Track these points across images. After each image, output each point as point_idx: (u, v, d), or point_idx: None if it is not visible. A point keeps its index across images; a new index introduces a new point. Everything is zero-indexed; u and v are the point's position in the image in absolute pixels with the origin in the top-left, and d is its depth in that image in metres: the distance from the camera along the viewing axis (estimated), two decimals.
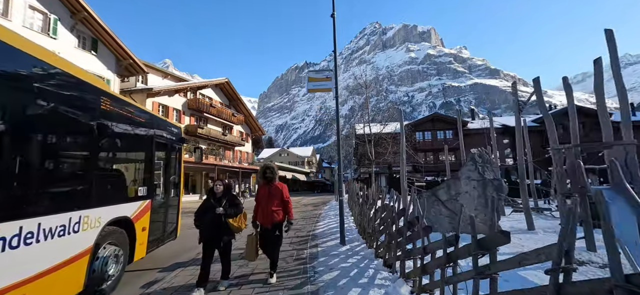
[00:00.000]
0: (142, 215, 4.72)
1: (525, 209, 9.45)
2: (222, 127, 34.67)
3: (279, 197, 4.34)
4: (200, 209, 4.14)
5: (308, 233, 8.26)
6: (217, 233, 4.01)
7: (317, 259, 5.45)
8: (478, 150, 8.97)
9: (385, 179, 34.97)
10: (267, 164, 4.50)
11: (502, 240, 2.29)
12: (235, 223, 4.09)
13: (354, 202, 11.50)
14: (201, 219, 4.07)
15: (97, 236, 3.65)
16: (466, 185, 8.60)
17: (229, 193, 4.24)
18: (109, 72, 20.57)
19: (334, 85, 7.13)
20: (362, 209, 7.87)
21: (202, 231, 4.03)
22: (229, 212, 4.07)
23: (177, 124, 6.41)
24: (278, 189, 4.38)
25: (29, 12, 16.19)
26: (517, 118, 9.81)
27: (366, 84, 20.25)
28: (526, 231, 9.04)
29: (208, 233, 3.99)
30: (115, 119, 4.06)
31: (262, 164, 4.52)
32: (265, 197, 4.33)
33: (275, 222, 4.28)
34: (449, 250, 3.07)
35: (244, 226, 4.22)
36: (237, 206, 4.17)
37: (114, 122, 4.04)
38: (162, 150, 5.66)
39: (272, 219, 4.25)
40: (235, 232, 4.17)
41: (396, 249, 4.53)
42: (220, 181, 4.24)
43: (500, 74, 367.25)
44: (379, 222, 5.91)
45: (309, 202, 22.31)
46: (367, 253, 5.85)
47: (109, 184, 4.07)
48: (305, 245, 6.75)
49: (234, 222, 4.09)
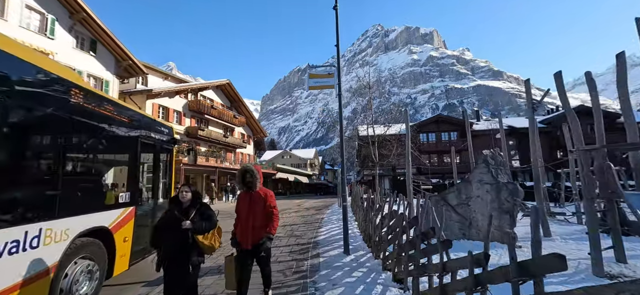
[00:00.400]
0: (123, 224, 4.24)
1: (540, 214, 8.87)
2: (223, 129, 34.29)
3: (261, 209, 3.48)
4: (161, 223, 3.18)
5: (309, 240, 7.75)
6: (183, 254, 3.04)
7: (319, 272, 4.93)
8: (491, 151, 8.43)
9: (388, 181, 34.38)
10: (246, 167, 3.56)
11: (556, 265, 1.76)
12: (207, 241, 3.18)
13: (358, 207, 10.99)
14: (162, 236, 3.09)
15: (64, 251, 3.17)
16: (478, 189, 8.05)
17: (199, 202, 3.31)
18: (108, 73, 20.23)
19: (337, 82, 6.64)
20: (367, 215, 7.35)
21: (163, 253, 3.07)
22: (199, 227, 3.11)
23: (168, 124, 5.95)
24: (260, 197, 3.49)
25: (26, 12, 15.88)
26: (531, 118, 9.25)
27: (369, 84, 19.76)
28: (542, 238, 8.45)
29: (171, 254, 3.03)
30: (89, 117, 3.58)
31: (240, 167, 3.63)
32: (245, 210, 3.47)
33: (255, 243, 3.40)
34: (477, 271, 2.55)
35: (217, 245, 3.32)
36: (209, 219, 3.24)
37: (87, 120, 3.56)
38: (149, 152, 5.18)
39: (253, 237, 3.38)
40: (207, 252, 3.26)
41: (407, 263, 4.02)
42: (187, 187, 3.26)
43: (504, 75, 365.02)
44: (386, 231, 5.40)
45: (311, 205, 21.79)
46: (374, 264, 5.33)
47: (79, 191, 3.58)
48: (306, 254, 6.23)
49: (205, 239, 3.16)
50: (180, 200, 3.21)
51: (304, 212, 16.10)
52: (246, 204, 3.50)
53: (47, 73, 3.08)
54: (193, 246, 3.09)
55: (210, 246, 3.22)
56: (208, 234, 3.22)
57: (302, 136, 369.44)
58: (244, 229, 3.45)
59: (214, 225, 3.29)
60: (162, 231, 3.11)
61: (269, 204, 3.53)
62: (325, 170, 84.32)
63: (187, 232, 3.05)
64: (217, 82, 33.93)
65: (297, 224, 11.05)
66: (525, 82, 9.29)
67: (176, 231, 3.02)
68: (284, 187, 52.77)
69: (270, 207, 3.53)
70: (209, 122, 32.10)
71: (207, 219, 3.23)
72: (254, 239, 3.40)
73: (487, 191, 7.91)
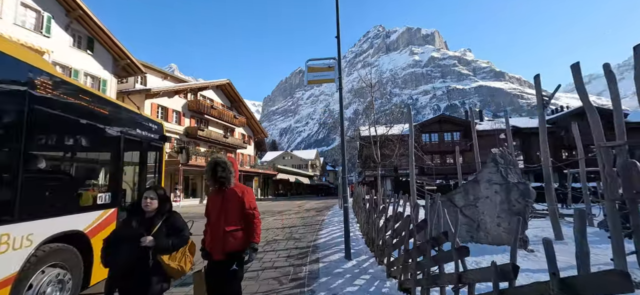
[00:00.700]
0: (103, 227, 3.86)
1: (551, 216, 8.45)
2: (223, 129, 33.97)
3: (237, 208, 2.73)
4: (113, 237, 2.45)
5: (309, 244, 7.35)
6: (142, 279, 2.32)
7: (318, 280, 4.53)
8: (500, 150, 8.02)
9: (390, 182, 33.94)
10: (217, 159, 2.80)
11: (618, 284, 1.36)
12: (175, 262, 2.47)
13: (360, 208, 10.58)
14: (114, 254, 2.33)
15: (27, 259, 2.78)
16: (487, 189, 7.65)
17: (166, 210, 2.55)
18: (105, 72, 19.93)
19: (337, 75, 6.24)
20: (370, 217, 6.95)
21: (114, 276, 2.42)
22: (164, 244, 2.38)
23: (157, 120, 5.57)
24: (236, 195, 2.75)
25: (21, 10, 15.59)
26: (541, 115, 8.84)
27: (371, 83, 19.42)
28: (553, 241, 8.01)
29: (124, 279, 2.32)
30: (58, 108, 3.20)
31: (210, 159, 2.93)
32: (216, 209, 2.74)
33: (229, 251, 2.64)
34: (502, 286, 2.15)
35: (188, 267, 2.60)
36: (179, 233, 2.52)
37: (56, 111, 3.17)
38: (135, 150, 4.80)
39: (224, 245, 2.63)
40: (174, 277, 2.53)
41: (415, 271, 3.62)
42: (154, 191, 2.51)
43: (506, 76, 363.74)
44: (391, 234, 5.00)
45: (312, 206, 21.38)
46: (377, 271, 4.93)
47: (47, 191, 3.20)
48: (304, 259, 5.84)
49: (173, 260, 2.45)
50: (144, 208, 2.46)
51: (304, 214, 15.70)
52: (218, 203, 2.74)
53: (13, 60, 2.72)
54: (155, 269, 2.36)
55: (178, 269, 2.49)
56: (176, 253, 2.51)
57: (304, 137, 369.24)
58: (214, 234, 2.69)
59: (184, 241, 2.56)
60: (115, 247, 2.34)
61: (248, 204, 2.76)
62: (326, 172, 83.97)
63: (147, 251, 2.31)
64: (217, 82, 33.63)
65: (296, 226, 10.66)
66: (535, 78, 8.88)
67: (133, 248, 2.27)
68: (284, 188, 52.42)
69: (250, 209, 2.76)
70: (208, 123, 31.79)
71: (176, 233, 2.49)
72: (226, 246, 2.64)
73: (497, 192, 7.51)
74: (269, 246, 7.20)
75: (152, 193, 2.51)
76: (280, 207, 20.91)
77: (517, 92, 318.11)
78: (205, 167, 2.78)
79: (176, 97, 27.70)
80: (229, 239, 2.65)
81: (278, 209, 19.05)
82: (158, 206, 2.51)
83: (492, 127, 32.41)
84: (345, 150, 6.26)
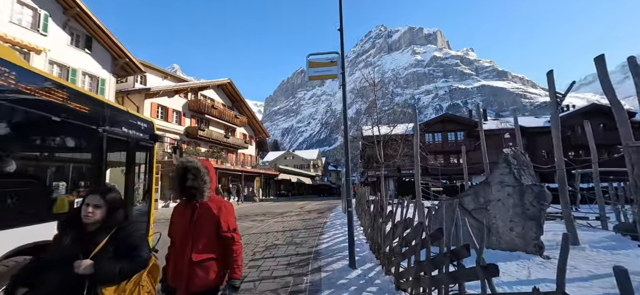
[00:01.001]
0: None
1: (566, 219, 8.00)
2: (224, 129, 33.65)
3: (210, 230, 2.01)
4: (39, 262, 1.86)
5: (310, 249, 6.95)
6: None
7: (320, 293, 4.13)
8: (512, 149, 7.59)
9: (393, 182, 33.48)
10: (187, 163, 2.05)
11: None
12: None
13: (364, 210, 10.17)
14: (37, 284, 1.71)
15: None
16: (498, 191, 7.22)
17: (117, 221, 1.85)
18: (104, 71, 19.62)
19: (340, 71, 5.84)
20: (375, 221, 6.54)
21: None
22: (107, 271, 1.68)
23: (147, 118, 5.18)
24: (210, 213, 2.02)
25: (17, 8, 15.29)
26: (555, 114, 8.39)
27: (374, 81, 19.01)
28: (570, 246, 7.58)
29: None
30: (24, 103, 2.82)
31: (178, 162, 2.12)
32: (184, 230, 2.02)
33: (196, 291, 1.94)
34: None
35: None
36: (131, 255, 1.81)
37: (22, 106, 2.80)
38: (121, 150, 4.42)
39: (190, 281, 1.93)
40: None
41: (430, 286, 3.22)
42: (98, 195, 1.80)
43: (509, 75, 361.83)
44: (398, 241, 4.59)
45: (314, 208, 21.00)
46: (385, 282, 4.52)
47: (11, 196, 2.82)
48: (306, 267, 5.44)
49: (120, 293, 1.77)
50: (83, 220, 1.75)
51: (305, 216, 15.31)
52: (185, 222, 2.02)
53: None
54: None
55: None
56: (127, 282, 1.79)
57: (306, 137, 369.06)
58: (178, 264, 1.97)
59: (139, 265, 1.85)
60: (39, 276, 1.68)
61: (226, 224, 2.02)
62: (328, 172, 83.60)
63: (83, 281, 1.64)
64: (218, 81, 33.29)
65: (297, 230, 10.27)
66: (548, 74, 8.43)
67: (64, 277, 1.62)
68: (286, 189, 52.08)
69: (228, 232, 2.03)
70: (209, 122, 31.47)
71: (128, 254, 1.78)
72: (192, 283, 1.92)
73: (509, 194, 7.08)
74: (268, 252, 6.81)
75: (96, 198, 1.77)
76: (281, 209, 20.55)
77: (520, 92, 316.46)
78: None
79: (176, 97, 27.39)
80: (196, 272, 1.92)
81: (279, 211, 18.68)
82: (105, 217, 1.78)
83: (498, 126, 31.88)
84: (348, 145, 5.86)
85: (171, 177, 2.09)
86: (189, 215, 2.03)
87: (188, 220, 2.02)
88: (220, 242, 2.04)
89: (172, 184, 2.08)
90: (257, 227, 10.98)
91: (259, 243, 7.92)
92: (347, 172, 5.89)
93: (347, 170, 5.88)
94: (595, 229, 10.25)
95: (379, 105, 17.04)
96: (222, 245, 2.04)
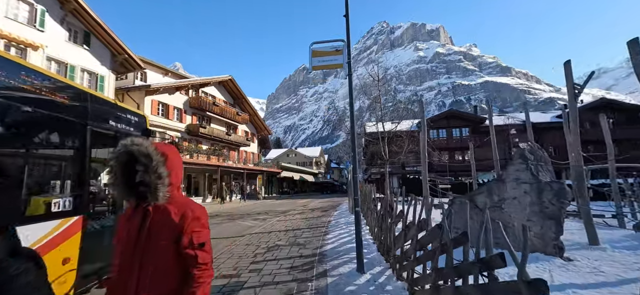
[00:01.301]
0: (62, 240, 3.12)
1: (585, 218, 7.56)
2: (226, 126, 33.31)
3: (167, 248, 1.30)
4: None
5: (314, 251, 6.56)
6: None
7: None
8: (529, 144, 7.15)
9: (397, 179, 33.02)
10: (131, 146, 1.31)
11: None
12: None
13: (369, 209, 9.78)
14: None
15: None
16: (514, 189, 6.80)
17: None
18: (103, 68, 19.30)
19: (346, 60, 5.43)
20: (383, 222, 6.14)
21: None
22: None
23: (138, 112, 4.81)
24: (168, 220, 1.32)
25: (13, 2, 14.96)
26: (573, 106, 7.93)
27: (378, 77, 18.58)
28: (588, 246, 7.14)
29: None
30: None
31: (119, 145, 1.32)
32: (129, 249, 1.31)
33: None
34: None
35: None
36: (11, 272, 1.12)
37: None
38: (108, 145, 4.05)
39: None
40: None
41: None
42: None
43: (512, 71, 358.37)
44: (412, 244, 4.20)
45: (317, 206, 20.62)
46: (397, 288, 4.13)
47: None
48: (310, 271, 5.06)
49: None
50: None
51: (308, 214, 14.95)
52: (133, 233, 1.33)
53: None
54: None
55: None
56: None
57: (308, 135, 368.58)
58: (121, 287, 1.30)
59: None
60: None
61: (188, 239, 1.31)
62: (331, 169, 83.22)
63: None
64: (219, 78, 32.89)
65: (301, 229, 9.89)
66: (565, 64, 7.96)
67: None
68: (289, 186, 51.80)
69: (192, 249, 1.31)
70: (211, 120, 31.15)
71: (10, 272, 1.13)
72: None
73: (526, 192, 6.65)
74: (271, 253, 6.44)
75: None
76: (284, 206, 20.20)
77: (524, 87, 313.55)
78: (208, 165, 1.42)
79: (177, 94, 27.05)
80: None
81: (282, 209, 18.34)
82: None
83: (505, 122, 31.30)
84: (355, 137, 5.46)
85: (110, 167, 1.33)
86: (137, 226, 1.33)
87: (136, 233, 1.32)
88: (177, 261, 1.31)
89: (112, 178, 1.34)
90: (259, 227, 10.63)
91: (261, 243, 7.56)
92: (354, 168, 5.48)
93: (355, 167, 5.48)
94: (612, 227, 9.81)
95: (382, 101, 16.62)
96: (184, 269, 1.31)
